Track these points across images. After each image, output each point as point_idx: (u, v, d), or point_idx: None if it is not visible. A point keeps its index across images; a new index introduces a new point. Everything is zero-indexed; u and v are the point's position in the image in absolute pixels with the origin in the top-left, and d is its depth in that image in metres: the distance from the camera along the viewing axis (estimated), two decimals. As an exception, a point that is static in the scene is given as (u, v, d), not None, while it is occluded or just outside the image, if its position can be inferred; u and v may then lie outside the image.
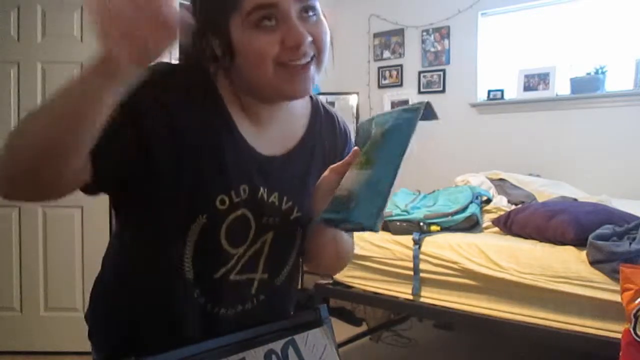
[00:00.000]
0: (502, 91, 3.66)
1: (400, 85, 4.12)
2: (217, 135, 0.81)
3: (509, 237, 2.30)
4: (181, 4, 0.72)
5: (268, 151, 0.86)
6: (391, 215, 2.41)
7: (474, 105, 3.74)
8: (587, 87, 3.28)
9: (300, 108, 0.93)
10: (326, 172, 0.83)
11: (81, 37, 2.85)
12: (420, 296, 2.24)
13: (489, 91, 3.70)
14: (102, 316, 0.91)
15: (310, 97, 0.96)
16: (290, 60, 0.76)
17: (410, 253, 2.26)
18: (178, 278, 0.82)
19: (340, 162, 0.82)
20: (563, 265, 1.94)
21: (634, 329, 1.65)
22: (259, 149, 0.85)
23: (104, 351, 0.91)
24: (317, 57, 0.80)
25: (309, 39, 0.76)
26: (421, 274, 2.24)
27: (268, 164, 0.86)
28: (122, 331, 0.87)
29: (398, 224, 2.37)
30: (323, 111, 0.97)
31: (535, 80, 3.51)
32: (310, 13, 0.78)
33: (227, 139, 0.82)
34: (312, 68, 0.80)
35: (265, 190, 0.86)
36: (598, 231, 1.95)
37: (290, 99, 0.84)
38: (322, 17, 0.80)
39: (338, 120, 0.99)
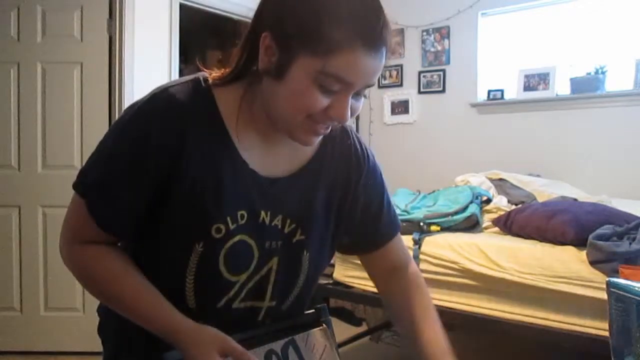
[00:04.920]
0: (502, 91, 3.66)
1: (400, 85, 4.11)
2: (217, 162, 0.80)
3: (509, 237, 2.30)
4: (181, 5, 0.73)
5: (272, 172, 0.85)
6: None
7: (474, 105, 3.74)
8: (587, 87, 3.28)
9: None
10: None
11: (81, 37, 2.84)
12: (420, 296, 2.24)
13: (489, 91, 3.70)
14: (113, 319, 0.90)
15: None
16: (319, 122, 0.77)
17: (410, 253, 2.26)
18: (181, 309, 0.80)
19: None
20: (563, 265, 1.94)
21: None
22: (262, 171, 0.83)
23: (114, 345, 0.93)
24: (335, 127, 0.84)
25: (349, 118, 0.78)
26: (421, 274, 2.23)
27: (271, 186, 0.84)
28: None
29: (398, 224, 2.37)
30: (340, 137, 0.93)
31: (535, 80, 3.51)
32: (363, 95, 0.80)
33: (227, 164, 0.80)
34: (327, 132, 0.82)
35: (268, 213, 0.84)
36: (598, 231, 1.95)
37: (296, 142, 0.82)
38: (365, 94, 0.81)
39: (356, 151, 0.95)
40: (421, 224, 2.34)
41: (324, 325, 0.91)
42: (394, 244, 1.00)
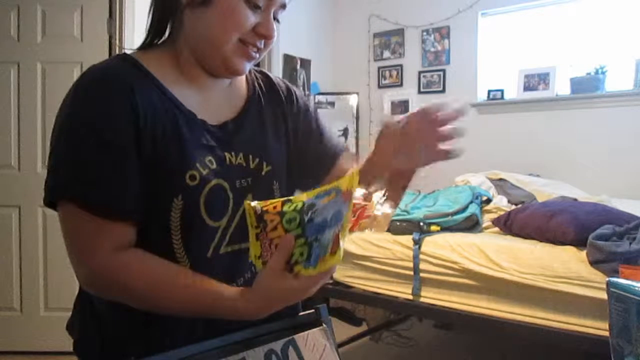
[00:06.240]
0: (502, 91, 3.66)
1: (400, 85, 4.11)
2: (168, 115, 0.81)
3: (509, 237, 2.30)
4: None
5: (218, 119, 0.89)
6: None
7: (474, 105, 3.74)
8: (587, 87, 3.28)
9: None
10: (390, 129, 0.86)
11: (81, 37, 2.85)
12: (420, 296, 2.24)
13: (489, 91, 3.70)
14: (93, 319, 0.87)
15: None
16: (250, 42, 0.83)
17: (410, 253, 2.26)
18: None
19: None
20: (563, 265, 1.94)
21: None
22: (210, 120, 0.87)
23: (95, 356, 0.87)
24: (262, 50, 0.87)
25: (275, 36, 0.85)
26: (421, 274, 2.24)
27: (222, 131, 0.88)
28: (120, 330, 0.85)
29: (398, 224, 2.37)
30: (255, 72, 1.01)
31: (535, 80, 3.51)
32: (279, 16, 0.86)
33: (178, 117, 0.82)
34: (257, 57, 0.87)
35: (232, 154, 0.87)
36: (598, 231, 1.95)
37: (231, 74, 0.88)
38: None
39: (281, 86, 1.02)
40: (421, 224, 2.34)
41: (324, 325, 0.91)
42: (341, 163, 1.04)
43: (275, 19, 0.85)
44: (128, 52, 0.88)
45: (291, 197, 0.75)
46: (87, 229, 0.76)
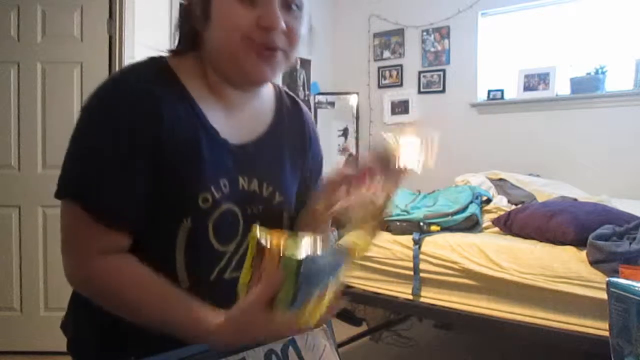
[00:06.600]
0: (502, 91, 3.66)
1: (400, 85, 4.11)
2: (191, 131, 0.79)
3: (509, 237, 2.30)
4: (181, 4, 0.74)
5: (239, 139, 0.85)
6: (391, 215, 2.41)
7: (474, 105, 3.74)
8: (587, 87, 3.28)
9: (266, 93, 0.93)
10: (334, 175, 0.81)
11: (81, 37, 2.85)
12: (420, 296, 2.24)
13: (489, 91, 3.70)
14: (87, 319, 0.87)
15: (272, 84, 0.96)
16: (259, 40, 0.76)
17: (410, 253, 2.26)
18: None
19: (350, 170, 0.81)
20: (563, 265, 1.94)
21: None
22: (231, 139, 0.84)
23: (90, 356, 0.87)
24: (287, 51, 0.80)
25: (284, 26, 0.77)
26: (421, 274, 2.24)
27: (241, 152, 0.85)
28: (112, 339, 0.83)
29: (398, 224, 2.37)
30: (287, 96, 0.97)
31: (535, 80, 3.51)
32: (295, 7, 0.79)
33: (201, 133, 0.80)
34: (280, 57, 0.79)
35: (245, 179, 0.85)
36: (598, 231, 1.95)
37: (253, 82, 0.84)
38: (304, 17, 0.81)
39: (307, 119, 0.99)
40: (421, 224, 2.34)
41: (324, 325, 0.91)
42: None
43: (290, 8, 0.79)
44: (163, 54, 0.85)
45: (297, 234, 0.74)
46: (82, 228, 0.76)
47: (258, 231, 0.73)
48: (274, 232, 0.74)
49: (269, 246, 0.71)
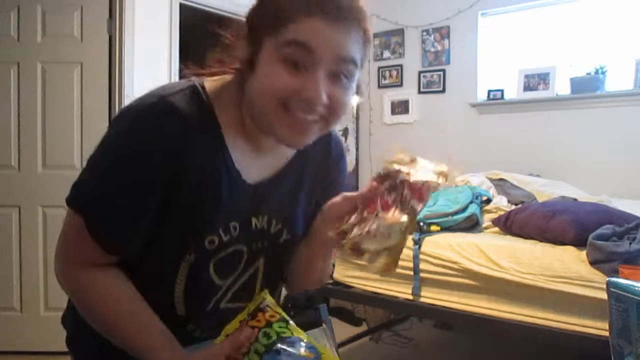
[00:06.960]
0: (502, 91, 3.65)
1: (400, 85, 4.11)
2: (216, 175, 0.78)
3: (509, 237, 2.30)
4: (181, 5, 0.73)
5: (257, 177, 0.83)
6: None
7: (474, 105, 3.74)
8: (587, 87, 3.28)
9: None
10: (338, 198, 0.79)
11: (81, 37, 2.85)
12: (420, 296, 2.24)
13: (489, 91, 3.69)
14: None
15: None
16: (295, 109, 0.72)
17: (410, 253, 2.26)
18: (169, 315, 0.80)
19: (356, 193, 0.78)
20: (563, 265, 1.94)
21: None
22: (250, 178, 0.81)
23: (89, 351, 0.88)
24: (327, 119, 0.75)
25: (325, 100, 0.72)
26: (421, 274, 2.24)
27: (257, 191, 0.83)
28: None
29: (398, 224, 2.36)
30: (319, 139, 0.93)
31: (535, 80, 3.51)
32: (343, 78, 0.74)
33: (223, 175, 0.78)
34: (316, 127, 0.75)
35: (259, 217, 0.84)
36: (598, 231, 1.95)
37: (283, 144, 0.79)
38: (354, 85, 0.76)
39: (333, 139, 0.94)
40: (421, 223, 2.34)
41: (324, 325, 0.91)
42: None
43: (338, 78, 0.73)
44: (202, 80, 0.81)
45: (290, 322, 0.77)
46: (79, 240, 0.77)
47: (267, 297, 0.78)
48: (277, 307, 0.78)
49: (264, 313, 0.76)
